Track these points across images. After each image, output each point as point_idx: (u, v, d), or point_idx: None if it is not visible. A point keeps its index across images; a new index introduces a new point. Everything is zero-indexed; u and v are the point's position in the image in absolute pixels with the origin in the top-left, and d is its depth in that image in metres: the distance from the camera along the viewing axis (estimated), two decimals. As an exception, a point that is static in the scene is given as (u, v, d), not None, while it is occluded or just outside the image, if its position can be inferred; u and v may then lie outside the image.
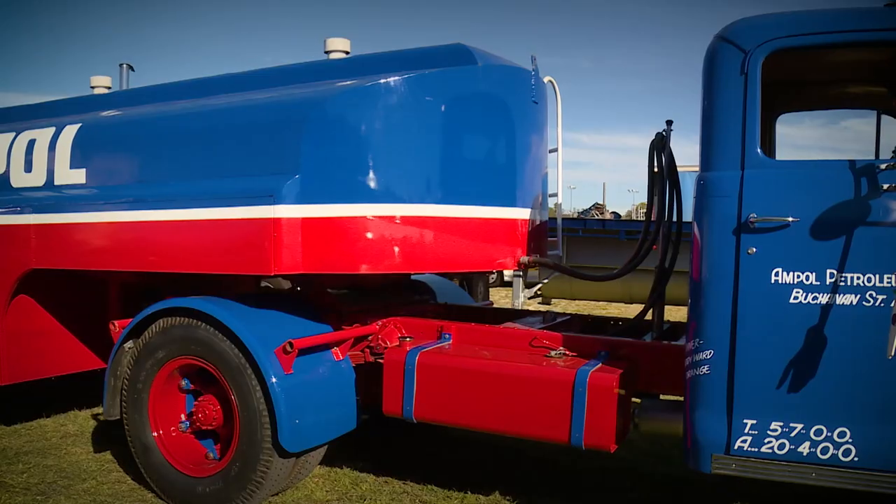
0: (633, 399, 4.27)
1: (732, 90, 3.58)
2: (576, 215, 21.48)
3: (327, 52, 5.10)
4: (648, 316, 4.77)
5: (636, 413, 4.20)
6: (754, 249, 3.50)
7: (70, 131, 5.36)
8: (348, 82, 4.50)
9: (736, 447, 3.56)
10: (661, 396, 4.44)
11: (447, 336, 4.65)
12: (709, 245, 3.61)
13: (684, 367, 3.75)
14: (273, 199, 4.22)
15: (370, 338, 4.79)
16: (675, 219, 4.50)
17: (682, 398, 3.88)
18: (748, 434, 3.54)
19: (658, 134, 4.48)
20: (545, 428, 4.06)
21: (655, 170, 4.51)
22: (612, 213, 22.45)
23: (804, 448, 3.45)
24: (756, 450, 3.53)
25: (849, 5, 3.55)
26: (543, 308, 9.11)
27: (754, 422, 3.53)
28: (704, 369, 3.62)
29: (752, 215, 3.49)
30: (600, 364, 4.10)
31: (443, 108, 4.50)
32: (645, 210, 4.72)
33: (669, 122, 4.51)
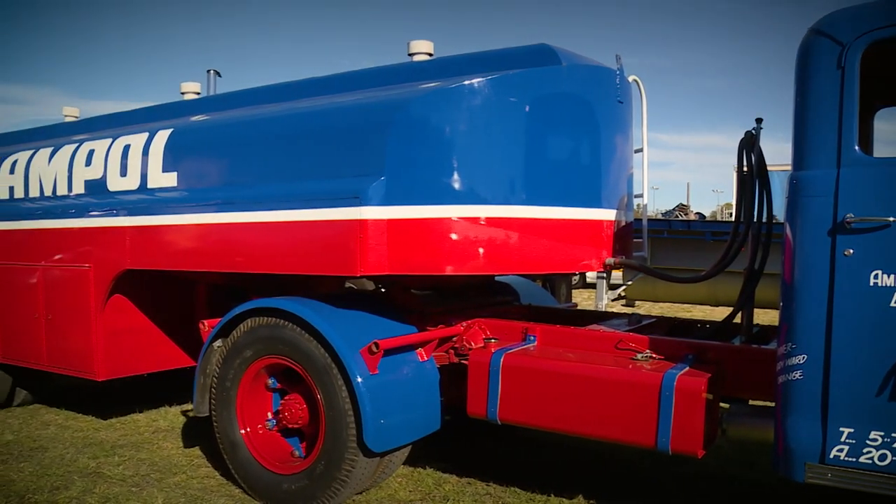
0: (721, 404, 4.16)
1: (828, 85, 3.45)
2: (659, 216, 21.08)
3: (411, 55, 5.12)
4: (737, 319, 4.65)
5: (724, 418, 4.09)
6: (851, 251, 3.36)
7: (162, 136, 5.52)
8: (432, 84, 4.51)
9: (832, 456, 3.43)
10: (750, 401, 4.32)
11: (532, 338, 4.62)
12: (802, 246, 3.49)
13: (775, 371, 3.63)
14: (359, 200, 4.25)
15: (455, 339, 4.79)
16: (764, 219, 4.39)
17: (772, 404, 3.76)
18: (845, 443, 3.41)
19: (747, 132, 4.36)
20: (631, 432, 4.00)
21: (745, 169, 4.39)
22: (697, 213, 21.97)
23: (909, 460, 3.30)
24: (854, 460, 3.39)
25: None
26: (627, 310, 8.98)
27: (851, 430, 3.39)
28: (797, 374, 3.50)
29: (848, 215, 3.35)
30: (687, 368, 4.02)
31: (527, 108, 4.47)
32: (731, 210, 4.60)
33: (759, 121, 4.39)
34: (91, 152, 6.04)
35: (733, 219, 4.58)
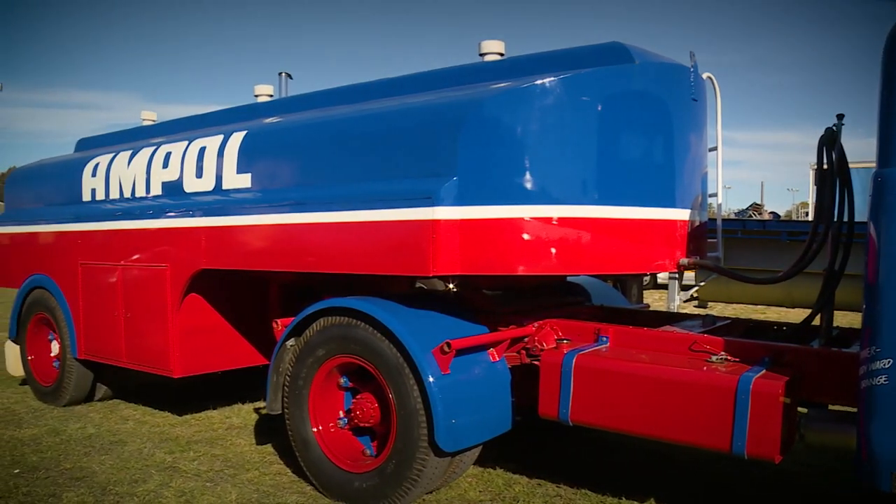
0: (799, 408, 4.06)
1: (918, 77, 3.32)
2: (732, 216, 20.58)
3: (482, 55, 5.12)
4: (815, 321, 4.53)
5: (802, 423, 3.98)
6: (941, 251, 3.24)
7: (237, 138, 5.61)
8: (504, 84, 4.48)
9: (922, 465, 3.30)
10: (830, 406, 4.21)
11: (604, 339, 4.57)
12: (888, 246, 3.37)
13: (858, 376, 3.52)
14: (431, 200, 4.26)
15: (526, 339, 4.77)
16: (845, 219, 4.27)
17: (853, 409, 3.65)
18: (935, 452, 3.27)
19: (828, 129, 4.25)
20: (705, 435, 3.92)
21: (825, 167, 4.28)
22: (771, 213, 21.41)
23: None
24: (947, 470, 3.26)
25: None
26: (700, 311, 8.81)
27: (942, 439, 3.26)
28: (882, 379, 3.37)
29: (938, 215, 3.23)
30: (764, 370, 3.93)
31: (599, 107, 4.42)
32: (807, 210, 4.48)
33: (840, 117, 4.28)
34: (168, 155, 6.18)
35: (811, 218, 4.47)
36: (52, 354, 7.65)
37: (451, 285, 4.79)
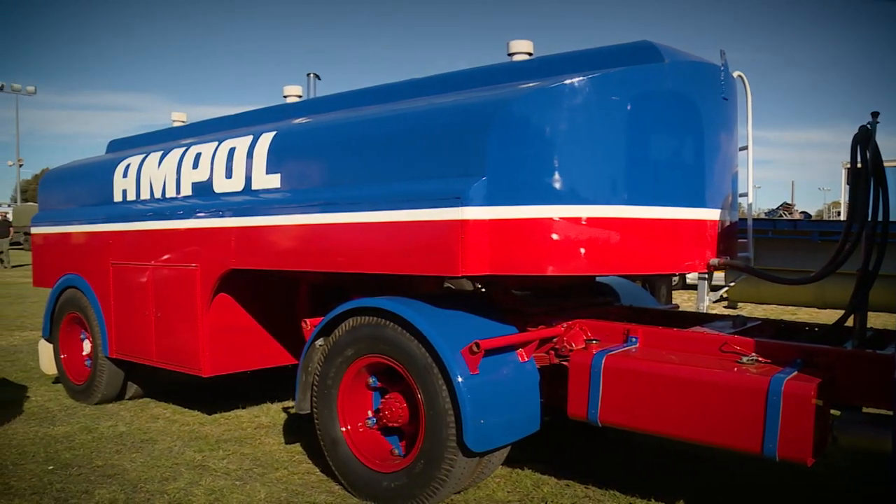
0: (832, 411, 4.01)
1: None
2: (762, 216, 20.40)
3: (510, 55, 5.10)
4: (848, 322, 4.48)
5: (835, 425, 3.94)
6: (979, 251, 3.19)
7: (266, 139, 5.64)
8: (533, 84, 4.47)
9: (959, 471, 3.25)
10: (864, 409, 4.16)
11: (634, 339, 4.55)
12: (924, 246, 3.33)
13: (893, 378, 3.48)
14: (460, 200, 4.25)
15: (555, 340, 4.76)
16: (880, 218, 4.21)
17: (888, 412, 3.61)
18: (973, 456, 3.23)
19: (862, 127, 4.20)
20: (736, 437, 3.89)
21: (859, 165, 4.23)
22: (802, 212, 21.20)
23: None
24: (983, 474, 3.21)
25: None
26: (730, 312, 8.75)
27: (980, 443, 3.21)
28: (918, 382, 3.34)
29: (977, 213, 3.18)
30: (795, 372, 3.88)
31: (629, 107, 4.40)
32: (839, 209, 4.43)
33: (875, 115, 4.22)
34: (198, 155, 6.22)
35: (844, 218, 4.41)
36: (85, 353, 7.75)
37: (479, 285, 4.77)
